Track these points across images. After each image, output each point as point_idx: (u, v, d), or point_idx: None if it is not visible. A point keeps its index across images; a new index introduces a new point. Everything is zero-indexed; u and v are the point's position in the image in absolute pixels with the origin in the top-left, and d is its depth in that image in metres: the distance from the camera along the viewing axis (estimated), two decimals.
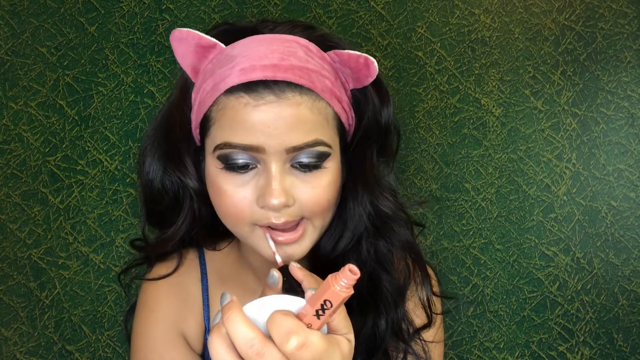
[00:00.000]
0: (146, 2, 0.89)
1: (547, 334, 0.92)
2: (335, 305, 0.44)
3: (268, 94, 0.58)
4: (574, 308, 0.92)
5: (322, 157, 0.61)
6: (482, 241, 0.92)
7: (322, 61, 0.62)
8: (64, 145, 0.88)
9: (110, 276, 0.89)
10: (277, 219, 0.60)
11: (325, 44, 0.64)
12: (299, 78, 0.59)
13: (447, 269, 0.92)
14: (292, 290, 0.54)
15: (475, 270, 0.92)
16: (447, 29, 0.91)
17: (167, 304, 0.71)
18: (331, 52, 0.63)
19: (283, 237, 0.61)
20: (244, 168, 0.60)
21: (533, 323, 0.92)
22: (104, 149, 0.89)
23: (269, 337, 0.45)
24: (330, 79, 0.62)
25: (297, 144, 0.58)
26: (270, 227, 0.61)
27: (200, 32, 0.62)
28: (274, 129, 0.58)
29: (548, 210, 0.92)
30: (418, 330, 0.71)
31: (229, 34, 0.64)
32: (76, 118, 0.89)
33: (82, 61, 0.89)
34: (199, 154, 0.67)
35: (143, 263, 0.78)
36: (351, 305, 0.65)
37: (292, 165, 0.60)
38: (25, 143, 0.88)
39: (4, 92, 0.88)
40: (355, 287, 0.45)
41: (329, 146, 0.61)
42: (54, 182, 0.88)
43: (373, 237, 0.68)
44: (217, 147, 0.60)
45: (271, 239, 0.61)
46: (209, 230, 0.73)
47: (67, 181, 0.88)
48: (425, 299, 0.71)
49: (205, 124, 0.62)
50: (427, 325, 0.71)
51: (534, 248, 0.92)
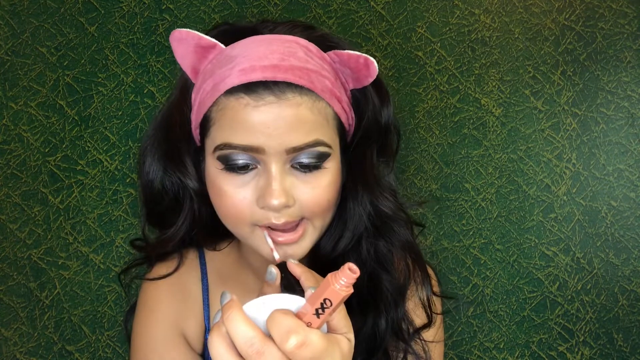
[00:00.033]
0: (146, 2, 0.89)
1: (547, 334, 0.92)
2: (335, 304, 0.44)
3: (268, 94, 0.58)
4: (574, 308, 0.92)
5: (322, 157, 0.61)
6: (482, 241, 0.92)
7: (322, 61, 0.62)
8: (64, 145, 0.88)
9: (110, 276, 0.89)
10: (277, 220, 0.60)
11: (325, 44, 0.64)
12: (299, 78, 0.59)
13: (447, 269, 0.92)
14: (291, 287, 0.54)
15: (475, 270, 0.92)
16: (447, 29, 0.91)
17: (167, 304, 0.71)
18: (331, 53, 0.63)
19: (283, 237, 0.61)
20: (244, 169, 0.60)
21: (533, 323, 0.92)
22: (104, 149, 0.89)
23: (269, 336, 0.45)
24: (330, 79, 0.62)
25: (297, 145, 0.58)
26: (270, 228, 0.61)
27: (200, 33, 0.62)
28: (274, 130, 0.58)
29: (548, 210, 0.92)
30: (418, 330, 0.71)
31: (229, 34, 0.64)
32: (76, 118, 0.89)
33: (82, 61, 0.89)
34: (199, 154, 0.67)
35: (143, 263, 0.78)
36: (351, 305, 0.65)
37: (292, 166, 0.60)
38: (25, 143, 0.88)
39: (4, 92, 0.88)
40: (355, 286, 0.45)
41: (329, 146, 0.61)
42: (54, 182, 0.88)
43: (373, 237, 0.68)
44: (217, 148, 0.60)
45: (269, 237, 0.61)
46: (209, 230, 0.73)
47: (67, 181, 0.88)
48: (425, 298, 0.71)
49: (205, 124, 0.62)
50: (427, 325, 0.71)
51: (534, 248, 0.92)
